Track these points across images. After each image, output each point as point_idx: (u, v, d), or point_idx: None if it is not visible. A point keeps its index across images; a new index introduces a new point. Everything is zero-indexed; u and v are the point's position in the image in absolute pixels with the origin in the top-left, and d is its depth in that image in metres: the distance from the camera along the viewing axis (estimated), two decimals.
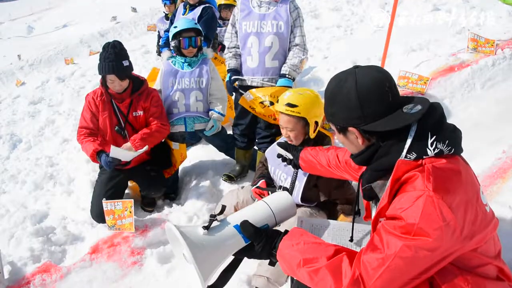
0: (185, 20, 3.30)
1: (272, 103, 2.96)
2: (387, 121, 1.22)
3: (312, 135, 2.34)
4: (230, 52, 3.27)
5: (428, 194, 1.09)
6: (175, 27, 3.22)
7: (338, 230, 1.56)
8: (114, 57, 2.88)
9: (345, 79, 1.28)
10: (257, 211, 1.43)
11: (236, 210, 2.51)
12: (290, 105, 2.26)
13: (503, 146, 3.28)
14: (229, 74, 3.24)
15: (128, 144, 3.02)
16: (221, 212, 1.42)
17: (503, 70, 4.14)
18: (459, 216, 1.10)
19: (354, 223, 1.56)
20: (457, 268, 1.16)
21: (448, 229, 1.08)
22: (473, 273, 1.18)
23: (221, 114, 3.32)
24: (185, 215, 2.99)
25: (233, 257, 1.38)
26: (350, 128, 1.29)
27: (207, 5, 4.01)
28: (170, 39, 3.27)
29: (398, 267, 1.09)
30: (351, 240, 1.52)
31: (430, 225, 1.07)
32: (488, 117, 3.63)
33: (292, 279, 1.46)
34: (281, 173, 2.45)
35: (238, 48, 3.24)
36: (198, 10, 3.99)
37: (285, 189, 1.54)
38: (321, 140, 2.40)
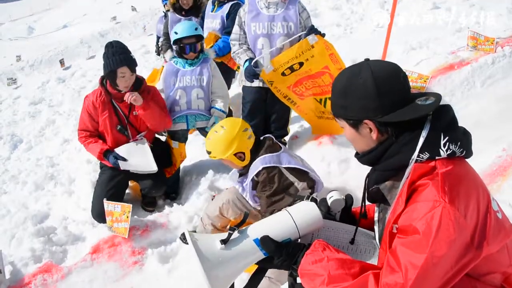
0: (185, 26, 3.23)
1: (301, 64, 2.95)
2: (405, 111, 1.18)
3: (242, 164, 2.40)
4: (241, 48, 3.22)
5: (444, 206, 1.06)
6: (175, 33, 3.20)
7: (337, 232, 1.51)
8: (122, 51, 2.92)
9: (359, 70, 1.23)
10: (279, 224, 1.36)
11: (221, 212, 2.56)
12: (207, 152, 2.45)
13: (503, 144, 3.28)
14: (247, 61, 3.14)
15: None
16: (243, 221, 1.37)
17: (503, 68, 4.13)
18: (472, 225, 1.09)
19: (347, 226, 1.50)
20: (465, 275, 1.13)
21: (464, 240, 1.07)
22: (481, 281, 1.18)
23: (223, 111, 3.33)
24: (185, 214, 2.99)
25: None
26: (366, 121, 1.22)
27: (235, 1, 3.93)
28: (172, 42, 3.28)
29: (419, 285, 1.07)
30: (352, 242, 1.47)
31: (448, 236, 1.05)
32: (489, 115, 3.62)
33: (290, 279, 1.43)
34: (241, 189, 2.52)
35: (249, 45, 3.22)
36: (226, 8, 3.92)
37: (312, 199, 1.43)
38: (259, 149, 2.38)
